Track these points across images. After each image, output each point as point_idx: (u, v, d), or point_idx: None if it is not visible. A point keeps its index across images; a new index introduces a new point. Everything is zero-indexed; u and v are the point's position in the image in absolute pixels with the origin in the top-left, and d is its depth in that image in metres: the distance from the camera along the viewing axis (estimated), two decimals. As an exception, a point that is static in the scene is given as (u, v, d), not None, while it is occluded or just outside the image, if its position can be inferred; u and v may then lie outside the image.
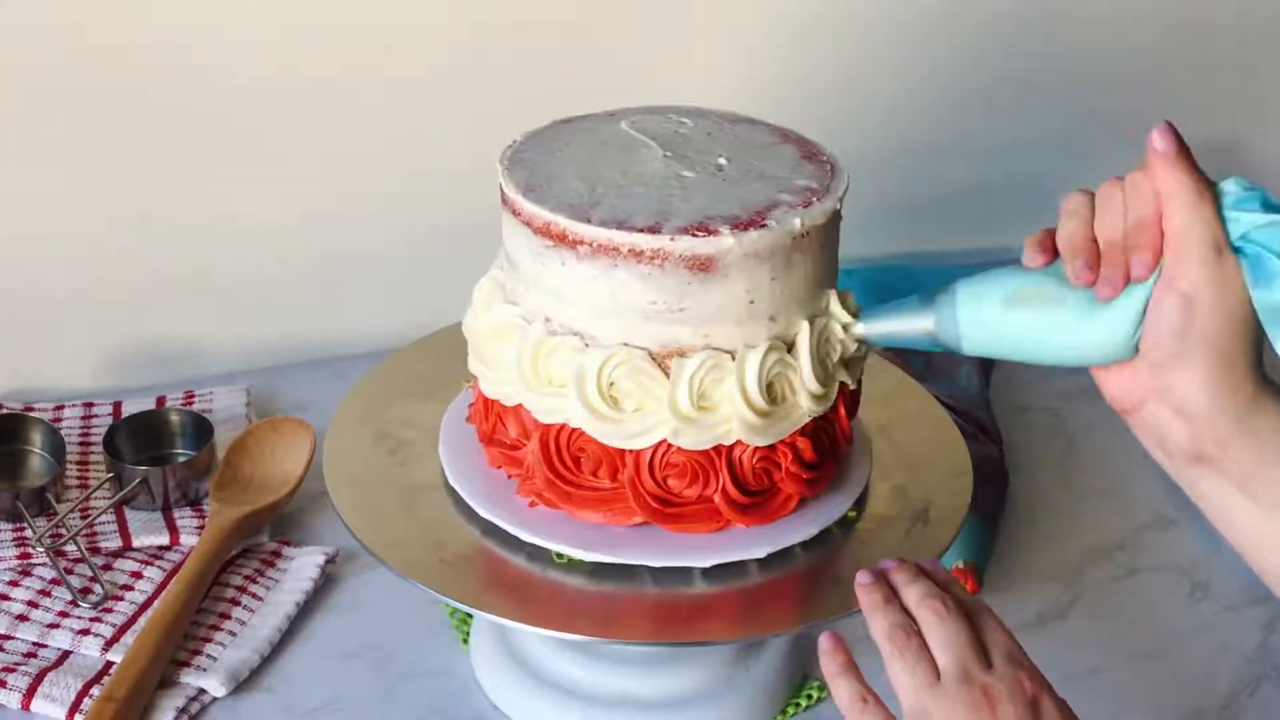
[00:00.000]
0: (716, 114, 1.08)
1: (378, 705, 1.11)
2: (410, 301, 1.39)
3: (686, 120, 1.07)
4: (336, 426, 1.12)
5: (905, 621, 0.89)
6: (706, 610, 1.00)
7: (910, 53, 1.56)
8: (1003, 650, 0.87)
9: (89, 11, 1.31)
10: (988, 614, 0.90)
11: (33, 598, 1.16)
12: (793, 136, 1.06)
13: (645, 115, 1.07)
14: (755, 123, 1.07)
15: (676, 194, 0.98)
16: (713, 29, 1.49)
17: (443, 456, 1.07)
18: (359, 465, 1.09)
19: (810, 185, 1.00)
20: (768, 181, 1.00)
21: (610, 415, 0.97)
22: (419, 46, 1.41)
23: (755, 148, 1.04)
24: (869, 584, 0.92)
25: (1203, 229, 0.86)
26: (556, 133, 1.05)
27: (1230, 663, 1.18)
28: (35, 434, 1.29)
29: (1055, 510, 1.32)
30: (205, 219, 1.41)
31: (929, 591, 0.90)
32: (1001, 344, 0.94)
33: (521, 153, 1.02)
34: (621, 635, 0.99)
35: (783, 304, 0.98)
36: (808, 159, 1.03)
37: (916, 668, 0.86)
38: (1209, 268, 0.86)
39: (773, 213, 0.97)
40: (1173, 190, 0.86)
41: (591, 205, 0.97)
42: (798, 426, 1.00)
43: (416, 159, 1.43)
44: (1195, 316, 0.86)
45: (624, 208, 0.96)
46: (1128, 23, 1.60)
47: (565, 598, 0.99)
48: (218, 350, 1.45)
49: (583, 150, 1.02)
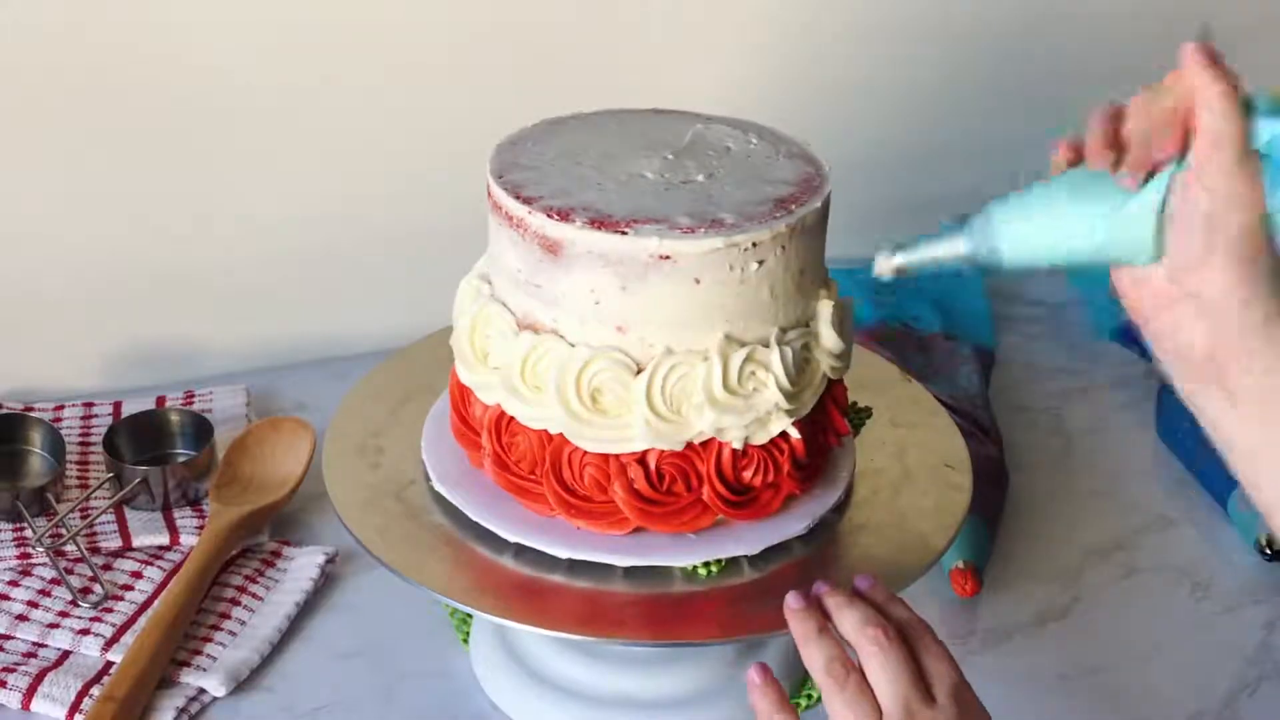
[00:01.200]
0: (696, 115, 1.08)
1: (378, 705, 1.11)
2: (410, 301, 1.39)
3: (670, 120, 1.07)
4: (336, 426, 1.12)
5: (842, 654, 0.87)
6: (706, 610, 1.00)
7: (909, 54, 1.56)
8: (946, 684, 0.86)
9: (89, 11, 1.31)
10: (930, 639, 0.89)
11: (33, 598, 1.16)
12: (777, 135, 1.06)
13: (630, 116, 1.07)
14: (738, 122, 1.07)
15: (664, 196, 0.98)
16: (707, 30, 1.49)
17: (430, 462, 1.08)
18: (359, 465, 1.09)
19: (803, 181, 1.00)
20: (763, 180, 1.00)
21: (590, 418, 0.98)
22: (419, 47, 1.41)
23: (743, 147, 1.04)
24: (799, 610, 0.90)
25: (1230, 126, 0.86)
26: (547, 133, 1.05)
27: (1230, 663, 1.18)
28: (35, 434, 1.29)
29: (1055, 510, 1.32)
30: (205, 219, 1.41)
31: (866, 618, 0.88)
32: (1037, 251, 0.93)
33: (509, 154, 1.02)
34: (621, 635, 0.99)
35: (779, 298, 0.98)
36: (794, 157, 1.03)
37: (856, 704, 0.85)
38: (1236, 163, 0.86)
39: (775, 208, 0.97)
40: (1205, 85, 0.86)
41: (576, 207, 0.96)
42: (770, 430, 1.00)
43: (416, 159, 1.43)
44: (1220, 210, 0.86)
45: (608, 208, 0.96)
46: (1127, 22, 1.60)
47: (565, 598, 0.99)
48: (218, 350, 1.45)
49: (571, 152, 1.02)
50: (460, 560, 1.02)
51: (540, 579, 1.00)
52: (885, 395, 1.17)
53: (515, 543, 1.02)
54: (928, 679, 0.87)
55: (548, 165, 1.01)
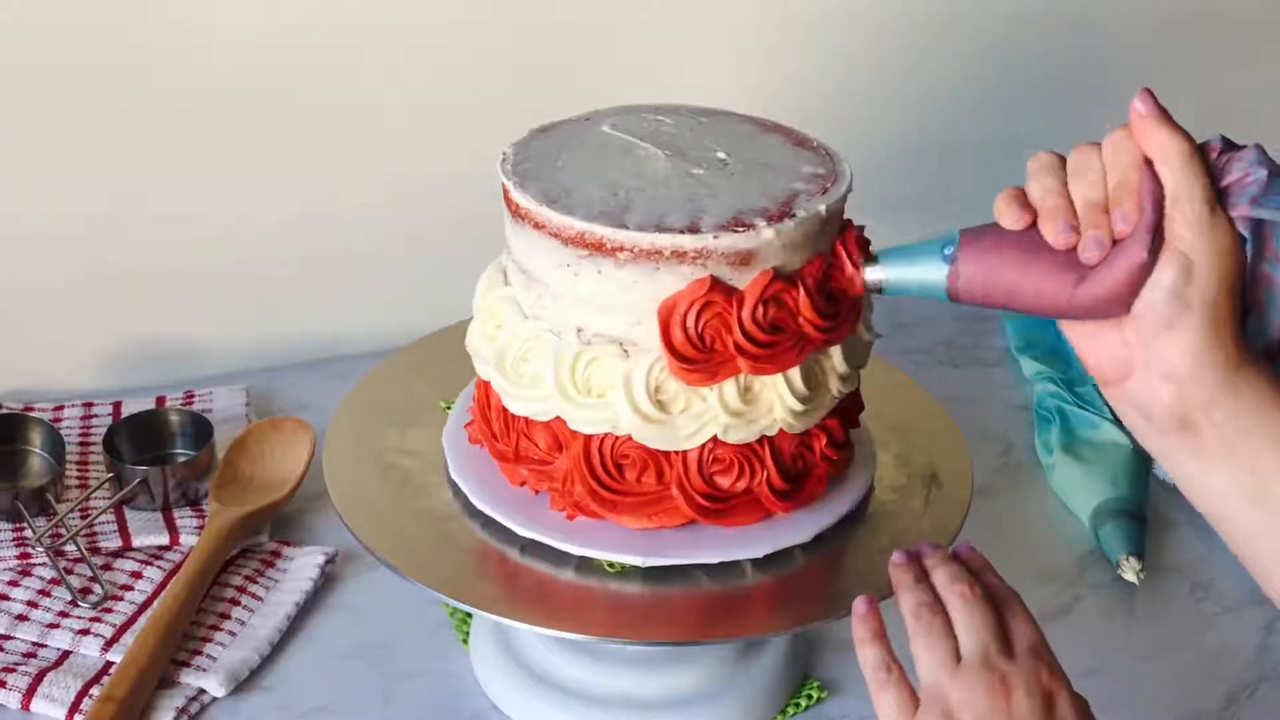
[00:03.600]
0: (687, 109, 1.08)
1: (378, 705, 1.11)
2: (410, 301, 1.39)
3: (664, 118, 1.07)
4: (336, 426, 1.12)
5: (932, 601, 0.89)
6: (706, 610, 1.00)
7: (912, 52, 1.56)
8: (1026, 642, 0.88)
9: (89, 11, 1.31)
10: (1018, 604, 0.90)
11: (32, 598, 1.16)
12: (772, 125, 1.06)
13: (621, 116, 1.07)
14: (729, 114, 1.07)
15: (700, 192, 0.98)
16: (717, 27, 1.49)
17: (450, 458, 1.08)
18: (359, 465, 1.09)
19: (818, 172, 1.00)
20: (776, 172, 1.00)
21: (660, 419, 0.97)
22: (420, 47, 1.41)
23: (744, 139, 1.04)
24: (902, 563, 0.93)
25: (1196, 187, 0.85)
26: (546, 141, 1.04)
27: (1230, 663, 1.18)
28: (35, 434, 1.29)
29: (1055, 510, 1.32)
30: (205, 219, 1.41)
31: (958, 575, 0.90)
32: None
33: (523, 165, 1.01)
34: (621, 635, 0.99)
35: None
36: (800, 145, 1.04)
37: (938, 647, 0.87)
38: (1204, 225, 0.85)
39: (796, 201, 0.97)
40: (1163, 147, 0.85)
41: (623, 210, 0.96)
42: (828, 409, 1.01)
43: (416, 159, 1.43)
44: (1192, 276, 0.85)
45: (654, 210, 0.96)
46: (1130, 21, 1.60)
47: (565, 597, 0.99)
48: (218, 350, 1.45)
49: (583, 157, 1.02)
50: (461, 560, 1.02)
51: (540, 578, 1.00)
52: (886, 397, 1.17)
53: (515, 542, 1.02)
54: (1010, 636, 0.88)
55: (565, 163, 1.01)
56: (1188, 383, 0.86)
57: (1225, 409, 0.86)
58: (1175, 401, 0.87)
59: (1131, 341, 0.88)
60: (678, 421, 0.98)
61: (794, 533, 1.03)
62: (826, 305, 0.97)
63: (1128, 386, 0.89)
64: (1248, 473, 0.87)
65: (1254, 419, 0.86)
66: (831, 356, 1.00)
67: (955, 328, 1.54)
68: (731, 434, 0.98)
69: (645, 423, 0.97)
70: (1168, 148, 0.85)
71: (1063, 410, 1.36)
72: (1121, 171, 0.86)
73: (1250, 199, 0.85)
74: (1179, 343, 0.86)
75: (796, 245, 0.96)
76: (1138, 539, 1.25)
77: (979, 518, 1.10)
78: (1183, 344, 0.86)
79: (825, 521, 1.04)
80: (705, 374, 0.96)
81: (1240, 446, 0.86)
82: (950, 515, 1.07)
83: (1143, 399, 0.88)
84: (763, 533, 1.02)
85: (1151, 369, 0.87)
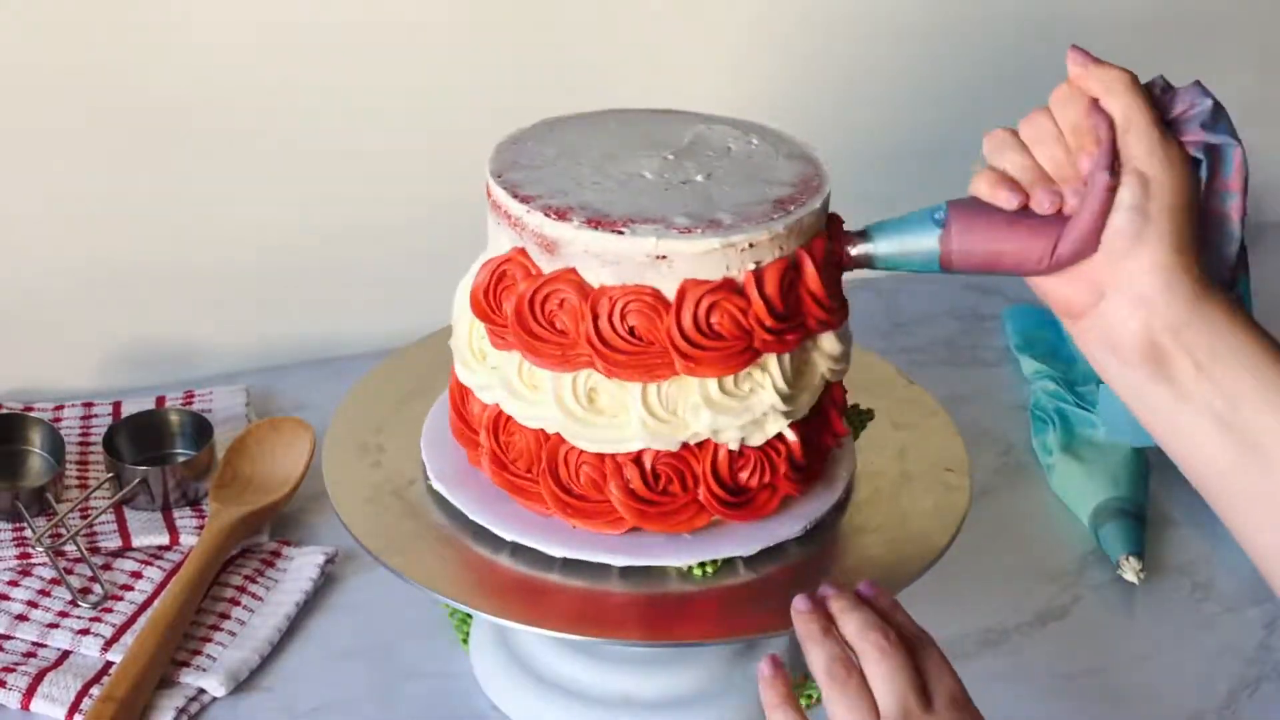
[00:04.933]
0: (697, 114, 1.08)
1: (378, 705, 1.11)
2: (410, 301, 1.39)
3: (670, 120, 1.07)
4: (336, 426, 1.12)
5: (844, 655, 0.87)
6: (703, 610, 1.00)
7: (907, 53, 1.56)
8: (946, 692, 0.86)
9: (89, 11, 1.31)
10: (933, 649, 0.89)
11: (32, 598, 1.16)
12: (778, 135, 1.06)
13: (629, 116, 1.07)
14: (739, 122, 1.07)
15: (680, 193, 0.98)
16: (709, 29, 1.49)
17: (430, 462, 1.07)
18: (359, 465, 1.08)
19: (802, 181, 1.00)
20: (763, 180, 1.00)
21: (586, 419, 0.98)
22: (420, 47, 1.41)
23: (743, 147, 1.04)
24: (806, 611, 0.90)
25: (1144, 110, 0.88)
26: (534, 141, 1.04)
27: (1230, 663, 1.18)
28: (35, 434, 1.29)
29: (1055, 510, 1.32)
30: (205, 219, 1.41)
31: (869, 623, 0.88)
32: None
33: (507, 163, 1.01)
34: (619, 636, 0.99)
35: None
36: (795, 157, 1.03)
37: (856, 706, 0.85)
38: (1157, 145, 0.88)
39: (773, 209, 0.97)
40: (1107, 82, 0.89)
41: (592, 210, 0.96)
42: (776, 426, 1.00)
43: (416, 159, 1.44)
44: (1151, 192, 0.88)
45: (643, 209, 0.96)
46: (1125, 21, 1.60)
47: (565, 598, 0.99)
48: (218, 350, 1.45)
49: (566, 156, 1.02)
50: (460, 560, 1.02)
51: (539, 579, 1.00)
52: (886, 397, 1.17)
53: (513, 543, 1.01)
54: (928, 686, 0.86)
55: (547, 164, 1.01)
56: (1157, 304, 0.88)
57: (1196, 330, 0.88)
58: (1143, 327, 0.88)
59: (1100, 266, 0.89)
60: (604, 423, 0.97)
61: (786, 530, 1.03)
62: (782, 309, 0.96)
63: (1098, 315, 0.90)
64: (1220, 397, 0.87)
65: (1224, 341, 0.87)
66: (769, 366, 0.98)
67: (955, 327, 1.54)
68: (657, 441, 0.97)
69: (570, 419, 0.97)
70: (1111, 79, 0.89)
71: (1063, 410, 1.36)
72: (1073, 121, 0.90)
73: (1200, 124, 0.90)
74: (1145, 260, 0.88)
75: (764, 249, 0.96)
76: (1138, 539, 1.25)
77: (979, 518, 1.10)
78: (1148, 261, 0.88)
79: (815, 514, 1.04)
80: (638, 371, 0.96)
81: (1212, 369, 0.88)
82: (950, 516, 1.06)
83: (1111, 329, 0.90)
84: (761, 535, 1.02)
85: (1121, 293, 0.89)
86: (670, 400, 0.97)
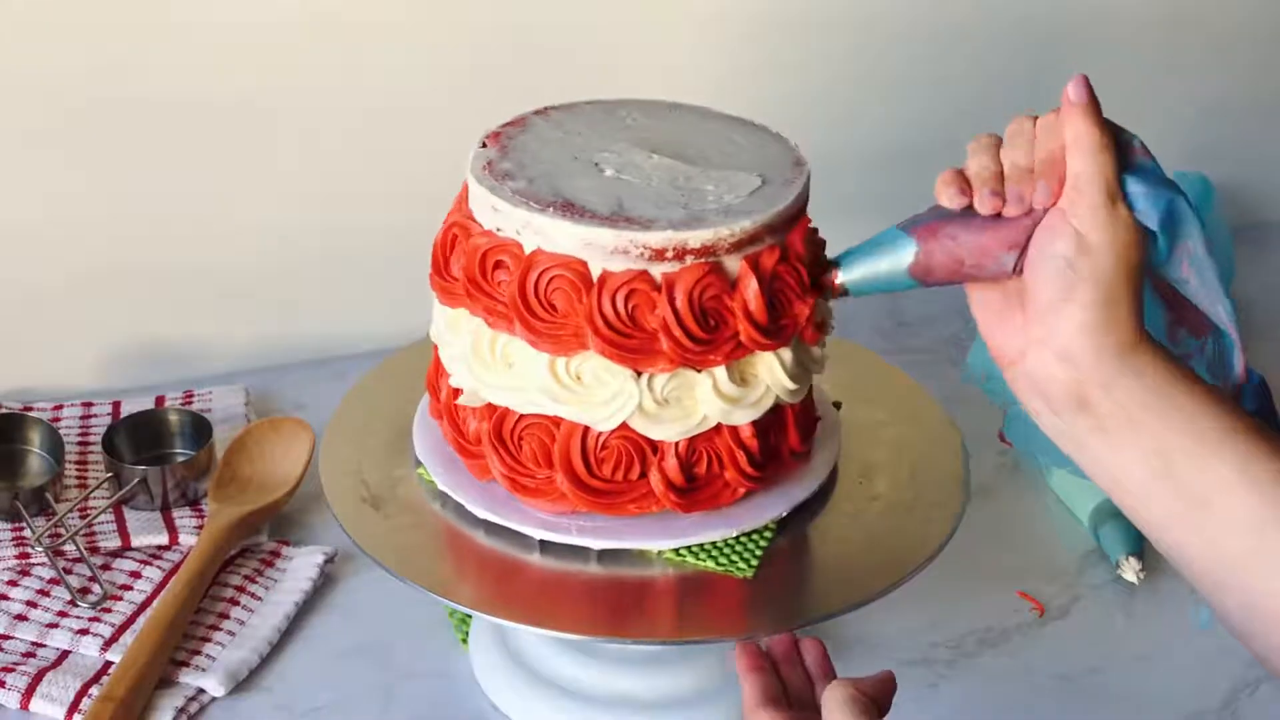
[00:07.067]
0: (679, 105, 1.08)
1: (378, 705, 1.11)
2: (410, 301, 1.39)
3: (653, 111, 1.07)
4: (335, 426, 1.12)
5: None
6: (702, 610, 1.00)
7: (900, 49, 1.56)
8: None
9: (89, 12, 1.31)
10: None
11: (31, 597, 1.16)
12: (758, 128, 1.06)
13: (612, 107, 1.07)
14: (720, 115, 1.07)
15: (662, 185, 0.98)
16: (695, 24, 1.49)
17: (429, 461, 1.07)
18: (357, 466, 1.08)
19: (781, 172, 1.01)
20: (755, 165, 1.01)
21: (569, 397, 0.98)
22: (419, 47, 1.41)
23: (717, 134, 1.04)
24: None
25: (1101, 178, 0.88)
26: (527, 125, 1.05)
27: (1230, 663, 1.18)
28: (34, 434, 1.29)
29: (1055, 510, 1.32)
30: (205, 219, 1.41)
31: None
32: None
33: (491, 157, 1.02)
34: (622, 635, 0.99)
35: None
36: (775, 148, 1.04)
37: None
38: (1103, 212, 0.88)
39: (753, 197, 0.98)
40: (1081, 135, 0.89)
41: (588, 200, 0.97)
42: None
43: (416, 159, 1.43)
44: (1084, 253, 0.88)
45: (626, 202, 0.96)
46: (1123, 22, 1.60)
47: (564, 597, 0.99)
48: (217, 350, 1.45)
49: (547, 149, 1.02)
50: (459, 560, 1.02)
51: (540, 578, 1.00)
52: (886, 397, 1.17)
53: (512, 542, 1.01)
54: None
55: (530, 157, 1.01)
56: (1084, 362, 0.88)
57: (1125, 388, 0.88)
58: (1070, 380, 0.89)
59: (1031, 317, 0.90)
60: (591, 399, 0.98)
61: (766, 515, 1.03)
62: (769, 304, 0.97)
63: (1027, 365, 0.90)
64: (1154, 453, 0.88)
65: (1156, 397, 0.88)
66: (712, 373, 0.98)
67: (957, 327, 1.54)
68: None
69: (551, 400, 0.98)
70: (1081, 136, 0.88)
71: None
72: (1048, 151, 0.90)
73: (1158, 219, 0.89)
74: (1073, 319, 0.88)
75: (746, 241, 0.96)
76: (1137, 539, 1.25)
77: (979, 518, 1.10)
78: (1076, 320, 0.88)
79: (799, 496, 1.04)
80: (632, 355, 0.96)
81: (1144, 423, 0.88)
82: (949, 515, 1.06)
83: (1039, 378, 0.90)
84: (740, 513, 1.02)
85: (1046, 346, 0.89)
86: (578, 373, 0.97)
